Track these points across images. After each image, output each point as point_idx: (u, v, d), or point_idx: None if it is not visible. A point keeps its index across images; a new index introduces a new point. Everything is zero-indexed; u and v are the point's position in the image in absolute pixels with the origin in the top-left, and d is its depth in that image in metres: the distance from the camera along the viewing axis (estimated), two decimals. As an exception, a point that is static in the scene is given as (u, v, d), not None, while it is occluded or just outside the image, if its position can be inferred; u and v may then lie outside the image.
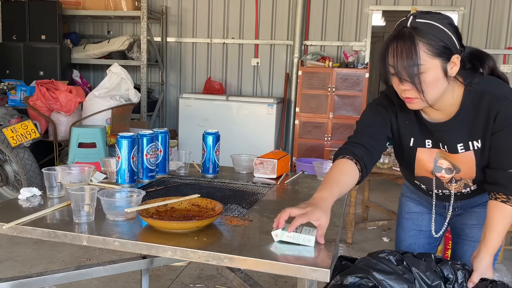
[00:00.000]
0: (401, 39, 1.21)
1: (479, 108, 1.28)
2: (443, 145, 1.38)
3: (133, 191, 1.43)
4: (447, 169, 1.42)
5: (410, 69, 1.20)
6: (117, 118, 4.10)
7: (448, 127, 1.33)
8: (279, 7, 5.94)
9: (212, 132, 1.95)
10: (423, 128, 1.39)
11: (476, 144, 1.33)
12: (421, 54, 1.19)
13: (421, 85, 1.22)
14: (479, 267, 1.31)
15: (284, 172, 2.03)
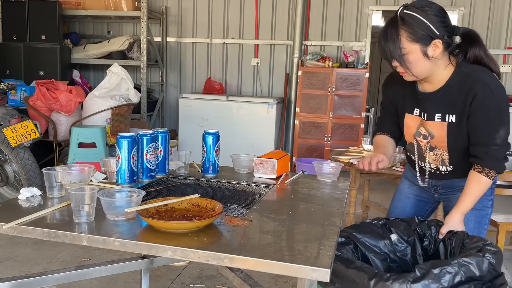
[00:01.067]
0: (389, 26, 1.52)
1: (462, 87, 1.53)
2: (424, 114, 1.65)
3: (133, 191, 1.43)
4: (424, 135, 1.68)
5: (394, 51, 1.51)
6: (117, 118, 4.10)
7: (433, 98, 1.60)
8: (279, 7, 5.94)
9: (212, 132, 1.95)
10: (414, 98, 1.68)
11: (451, 118, 1.58)
12: (402, 40, 1.49)
13: (406, 64, 1.52)
14: (449, 221, 1.57)
15: (284, 172, 2.03)
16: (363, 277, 1.26)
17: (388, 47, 1.52)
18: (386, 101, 1.83)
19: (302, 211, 1.55)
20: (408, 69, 1.53)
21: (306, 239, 1.25)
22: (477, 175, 1.56)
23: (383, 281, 1.22)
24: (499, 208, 4.26)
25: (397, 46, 1.50)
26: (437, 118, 1.61)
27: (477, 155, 1.56)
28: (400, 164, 2.91)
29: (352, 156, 3.19)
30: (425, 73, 1.54)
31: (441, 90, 1.58)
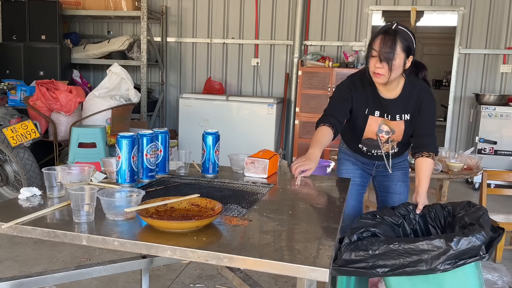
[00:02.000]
0: (388, 34, 1.88)
1: (413, 94, 2.03)
2: (387, 115, 2.06)
3: (132, 191, 1.43)
4: (386, 131, 2.10)
5: (389, 55, 1.87)
6: (117, 118, 4.10)
7: (394, 102, 2.04)
8: (279, 7, 5.95)
9: (212, 132, 1.95)
10: (375, 102, 2.05)
11: (406, 117, 2.05)
12: (397, 48, 1.87)
13: (392, 66, 1.88)
14: (421, 200, 1.94)
15: (273, 172, 2.04)
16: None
17: (385, 51, 1.87)
18: (346, 98, 2.07)
19: (302, 211, 1.55)
20: (390, 71, 1.89)
21: (305, 239, 1.25)
22: (427, 159, 2.01)
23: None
24: (499, 208, 4.27)
25: (393, 51, 1.86)
26: (397, 118, 2.06)
27: (425, 144, 2.02)
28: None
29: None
30: (394, 78, 1.95)
31: (400, 96, 2.04)
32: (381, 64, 1.88)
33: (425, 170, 2.00)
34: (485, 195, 3.31)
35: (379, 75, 1.91)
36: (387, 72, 1.89)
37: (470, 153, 3.14)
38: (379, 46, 1.87)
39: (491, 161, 4.98)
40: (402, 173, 2.26)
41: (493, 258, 3.04)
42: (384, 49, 1.86)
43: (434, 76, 7.80)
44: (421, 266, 1.51)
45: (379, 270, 1.53)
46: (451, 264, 1.50)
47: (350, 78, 2.12)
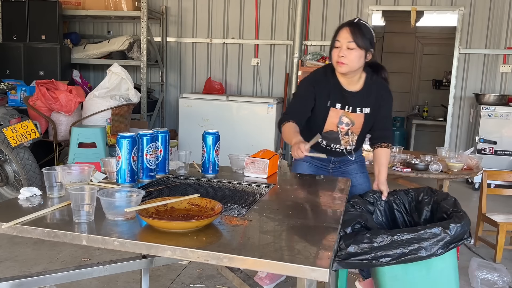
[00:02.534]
0: (352, 26, 2.03)
1: (373, 90, 2.16)
2: (348, 107, 2.16)
3: (132, 191, 1.43)
4: (347, 123, 2.18)
5: (354, 44, 2.01)
6: (117, 118, 4.10)
7: (356, 95, 2.15)
8: (279, 7, 5.94)
9: (212, 132, 1.96)
10: (337, 94, 2.15)
11: (366, 110, 2.17)
12: (360, 38, 2.02)
13: (353, 56, 2.02)
14: (384, 187, 2.09)
15: (273, 172, 2.04)
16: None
17: (349, 40, 2.01)
18: (309, 96, 2.15)
19: (302, 211, 1.55)
20: (352, 61, 2.03)
21: (305, 239, 1.25)
22: (386, 150, 2.19)
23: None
24: (499, 208, 4.27)
25: (356, 40, 2.01)
26: (358, 110, 2.16)
27: (384, 136, 2.21)
28: (400, 164, 2.91)
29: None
30: (355, 68, 2.07)
31: (361, 90, 2.15)
32: (344, 53, 2.02)
33: (384, 159, 2.17)
34: (485, 195, 3.31)
35: (342, 64, 2.04)
36: (350, 61, 2.02)
37: (470, 153, 3.14)
38: (344, 37, 2.02)
39: (491, 161, 4.98)
40: (359, 165, 2.35)
41: (493, 258, 3.04)
42: (348, 39, 2.01)
43: (434, 76, 7.79)
44: (422, 253, 1.64)
45: (382, 260, 1.63)
46: (444, 248, 1.67)
47: (314, 74, 2.22)
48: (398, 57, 7.86)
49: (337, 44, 2.04)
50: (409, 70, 7.90)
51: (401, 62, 7.87)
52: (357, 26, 2.03)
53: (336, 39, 2.05)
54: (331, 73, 2.16)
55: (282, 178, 2.02)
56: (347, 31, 2.02)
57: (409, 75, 7.92)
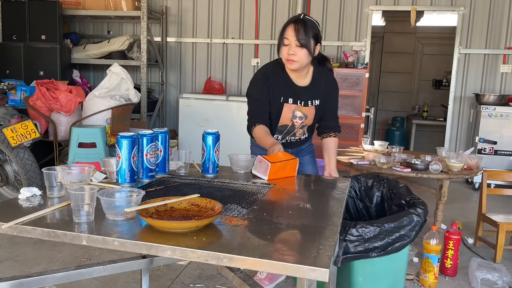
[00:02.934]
0: (299, 23, 2.05)
1: (321, 82, 2.25)
2: (300, 101, 2.23)
3: (132, 191, 1.43)
4: (300, 117, 2.26)
5: (302, 41, 2.04)
6: (117, 118, 4.11)
7: (307, 89, 2.22)
8: (279, 7, 5.94)
9: (212, 132, 1.95)
10: (289, 90, 2.20)
11: (316, 102, 2.26)
12: (308, 34, 2.05)
13: (303, 52, 2.06)
14: (335, 174, 2.23)
15: (284, 176, 1.96)
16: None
17: (298, 37, 2.04)
18: (265, 94, 2.19)
19: (302, 211, 1.55)
20: (301, 58, 2.08)
21: (305, 239, 1.25)
22: (334, 139, 2.33)
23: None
24: (499, 208, 4.27)
25: (304, 37, 2.05)
26: (309, 103, 2.24)
27: (333, 125, 2.34)
28: (400, 164, 2.91)
29: (352, 156, 3.20)
30: (304, 64, 2.13)
31: (310, 84, 2.23)
32: (294, 50, 2.06)
33: (333, 148, 2.31)
34: (485, 195, 3.31)
35: (292, 61, 2.09)
36: (300, 58, 2.07)
37: (470, 153, 3.14)
38: (292, 34, 2.05)
39: (491, 161, 4.98)
40: (310, 156, 2.48)
41: (493, 258, 3.04)
42: (297, 36, 2.04)
43: (434, 76, 7.80)
44: (405, 240, 1.76)
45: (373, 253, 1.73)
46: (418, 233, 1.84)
47: (264, 71, 2.25)
48: (398, 57, 7.86)
49: (286, 42, 2.08)
50: (409, 70, 7.90)
51: (401, 62, 7.87)
52: (303, 23, 2.06)
53: (284, 37, 2.08)
54: (281, 68, 2.20)
55: (282, 178, 2.01)
56: (294, 29, 2.05)
57: (409, 75, 7.92)
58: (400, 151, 3.27)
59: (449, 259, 2.77)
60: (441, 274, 2.79)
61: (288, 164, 1.97)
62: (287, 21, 2.11)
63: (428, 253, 2.64)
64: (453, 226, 2.77)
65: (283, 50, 2.10)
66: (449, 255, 2.77)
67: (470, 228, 3.71)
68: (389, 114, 7.99)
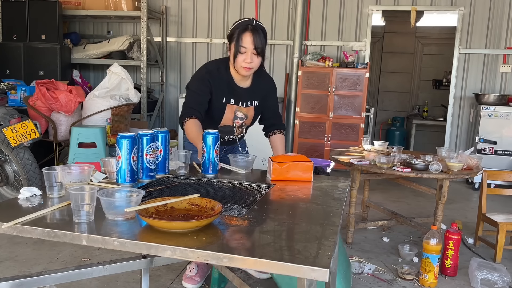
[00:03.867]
0: (255, 31, 2.09)
1: (260, 83, 2.33)
2: (242, 102, 2.29)
3: (132, 191, 1.43)
4: (241, 117, 2.33)
5: (259, 50, 2.11)
6: (117, 118, 4.11)
7: (248, 90, 2.29)
8: (279, 7, 5.95)
9: (212, 132, 1.95)
10: (231, 91, 2.25)
11: (256, 103, 2.34)
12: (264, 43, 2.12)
13: (259, 60, 2.14)
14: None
15: (293, 179, 1.91)
16: None
17: (257, 45, 2.09)
18: (206, 91, 2.20)
19: (302, 211, 1.55)
20: (256, 65, 2.15)
21: (305, 239, 1.25)
22: (280, 136, 2.40)
23: None
24: (499, 208, 4.27)
25: (262, 46, 2.12)
26: (249, 104, 2.31)
27: (277, 123, 2.43)
28: (400, 164, 2.91)
29: (352, 156, 3.20)
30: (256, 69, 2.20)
31: (252, 85, 2.30)
32: (252, 58, 2.11)
33: (280, 144, 2.38)
34: (485, 195, 3.31)
35: (249, 69, 2.14)
36: (255, 65, 2.14)
37: (470, 153, 3.14)
38: (250, 42, 2.08)
39: (491, 161, 4.98)
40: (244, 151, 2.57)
41: (493, 258, 3.04)
42: (255, 45, 2.09)
43: (434, 76, 7.80)
44: None
45: None
46: None
47: (207, 69, 2.25)
48: (398, 57, 7.86)
49: (243, 50, 2.10)
50: (409, 70, 7.90)
51: (401, 62, 7.87)
52: (258, 31, 2.09)
53: (241, 45, 2.09)
54: (225, 69, 2.23)
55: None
56: (251, 37, 2.08)
57: (409, 75, 7.93)
58: (400, 151, 3.27)
59: (449, 259, 2.77)
60: (441, 274, 2.79)
61: (299, 167, 1.92)
62: (242, 28, 2.10)
63: (428, 253, 2.64)
64: (453, 226, 2.77)
65: (239, 57, 2.12)
66: (449, 255, 2.77)
67: (470, 228, 3.71)
68: (389, 114, 7.99)
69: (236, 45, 2.11)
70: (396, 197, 4.74)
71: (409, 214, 4.03)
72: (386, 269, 2.90)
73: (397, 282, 2.72)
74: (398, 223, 3.49)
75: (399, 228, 3.67)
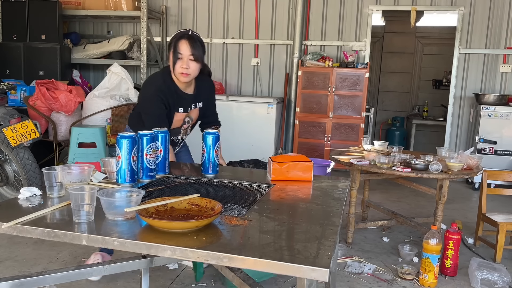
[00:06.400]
0: (192, 39, 2.23)
1: (203, 86, 2.46)
2: (190, 108, 2.42)
3: (132, 191, 1.43)
4: (188, 121, 2.47)
5: (196, 55, 2.22)
6: (117, 118, 4.11)
7: (193, 96, 2.42)
8: (279, 7, 5.94)
9: (212, 132, 1.96)
10: (179, 99, 2.36)
11: (200, 105, 2.48)
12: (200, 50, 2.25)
13: (196, 66, 2.25)
14: (222, 161, 2.46)
15: (296, 179, 1.92)
16: None
17: (194, 52, 2.21)
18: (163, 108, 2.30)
19: (302, 211, 1.55)
20: (194, 71, 2.26)
21: (305, 239, 1.25)
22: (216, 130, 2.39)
23: None
24: (499, 208, 4.27)
25: (199, 52, 2.24)
26: (193, 107, 2.44)
27: (214, 120, 2.62)
28: (400, 164, 2.91)
29: (352, 156, 3.20)
30: (195, 76, 2.30)
31: (196, 90, 2.43)
32: (188, 64, 2.22)
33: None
34: (485, 195, 3.31)
35: (187, 75, 2.25)
36: (193, 71, 2.25)
37: (470, 153, 3.14)
38: (187, 49, 2.21)
39: (491, 161, 4.98)
40: (186, 148, 2.73)
41: (493, 258, 3.04)
42: (193, 51, 2.21)
43: (434, 76, 7.79)
44: None
45: None
46: None
47: (156, 87, 2.32)
48: (398, 57, 7.86)
49: (180, 56, 2.22)
50: (409, 70, 7.90)
51: (401, 62, 7.87)
52: (194, 39, 2.22)
53: (178, 51, 2.21)
54: (170, 80, 2.32)
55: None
56: (187, 45, 2.20)
57: (409, 75, 7.92)
58: (400, 151, 3.27)
59: (449, 259, 2.77)
60: (441, 274, 2.79)
61: (299, 167, 1.93)
62: (178, 37, 2.24)
63: (428, 253, 2.64)
64: (453, 226, 2.77)
65: (177, 64, 2.23)
66: (449, 255, 2.77)
67: (470, 228, 3.71)
68: (389, 114, 7.99)
69: (174, 53, 2.23)
70: (396, 197, 4.74)
71: (409, 214, 4.03)
72: (386, 269, 2.90)
73: (397, 282, 2.72)
74: (398, 223, 3.49)
75: (399, 228, 3.67)
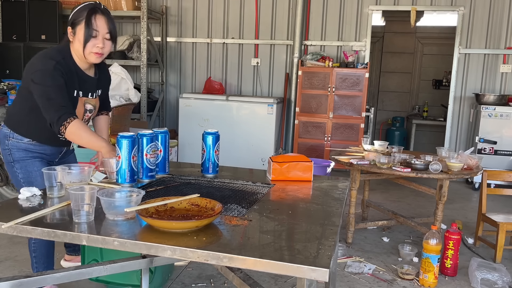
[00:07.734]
0: (106, 14, 1.92)
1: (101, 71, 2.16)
2: (91, 94, 2.11)
3: (132, 191, 1.43)
4: (90, 110, 2.14)
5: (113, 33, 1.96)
6: (117, 118, 4.10)
7: (95, 80, 2.12)
8: (279, 7, 5.94)
9: (212, 132, 1.96)
10: (81, 82, 2.03)
11: (99, 92, 2.18)
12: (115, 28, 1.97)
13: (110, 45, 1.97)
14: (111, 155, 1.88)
15: (296, 179, 1.93)
16: None
17: (111, 29, 1.93)
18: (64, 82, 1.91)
19: (302, 211, 1.55)
20: (107, 52, 1.98)
21: (305, 239, 1.25)
22: (105, 116, 2.33)
23: None
24: (499, 208, 4.27)
25: (115, 29, 1.97)
26: (95, 95, 2.15)
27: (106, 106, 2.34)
28: (400, 164, 2.91)
29: (352, 156, 3.20)
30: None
31: (95, 74, 2.11)
32: (103, 43, 1.93)
33: (105, 123, 2.33)
34: (485, 195, 3.31)
35: (101, 55, 1.97)
36: (106, 52, 1.97)
37: (470, 153, 3.14)
38: (104, 26, 1.90)
39: (491, 161, 4.98)
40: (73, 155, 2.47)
41: (493, 258, 3.04)
42: (107, 29, 1.92)
43: (434, 76, 7.79)
44: None
45: None
46: None
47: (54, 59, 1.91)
48: (398, 57, 7.86)
49: (95, 33, 1.89)
50: (409, 70, 7.90)
51: (401, 62, 7.87)
52: (108, 14, 1.93)
53: (92, 28, 1.88)
54: (70, 58, 1.97)
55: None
56: (104, 20, 1.90)
57: (409, 75, 7.92)
58: (400, 151, 3.27)
59: (449, 259, 2.77)
60: (441, 274, 2.79)
61: (299, 167, 1.93)
62: (91, 9, 1.89)
63: (428, 253, 2.64)
64: (453, 226, 2.77)
65: (91, 42, 1.90)
66: (449, 255, 2.77)
67: (470, 228, 3.71)
68: (389, 114, 7.99)
69: (87, 28, 1.87)
70: (396, 197, 4.74)
71: (409, 214, 4.03)
72: (386, 269, 2.90)
73: (397, 282, 2.72)
74: (398, 223, 3.49)
75: (399, 228, 3.67)
